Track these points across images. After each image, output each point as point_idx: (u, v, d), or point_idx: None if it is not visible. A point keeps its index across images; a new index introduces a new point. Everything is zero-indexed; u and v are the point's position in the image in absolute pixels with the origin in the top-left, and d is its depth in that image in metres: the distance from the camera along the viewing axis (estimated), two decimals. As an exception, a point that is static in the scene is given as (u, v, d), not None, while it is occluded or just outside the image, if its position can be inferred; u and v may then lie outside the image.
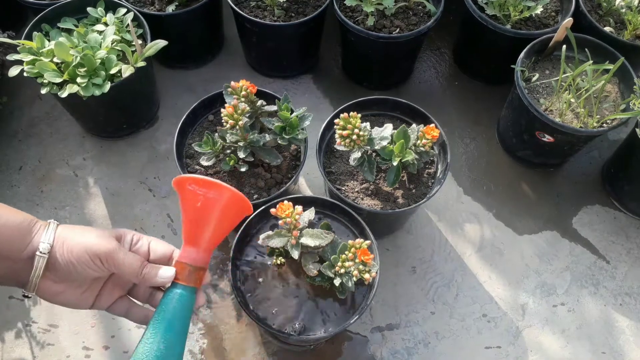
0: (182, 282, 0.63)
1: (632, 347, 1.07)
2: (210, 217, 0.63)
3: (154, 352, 0.59)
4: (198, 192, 0.62)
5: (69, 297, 0.63)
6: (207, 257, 0.65)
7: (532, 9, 1.19)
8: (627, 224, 1.21)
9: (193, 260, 0.63)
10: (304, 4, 1.25)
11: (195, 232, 0.63)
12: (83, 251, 0.60)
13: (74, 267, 0.60)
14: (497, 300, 1.11)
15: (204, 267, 0.64)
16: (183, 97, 1.34)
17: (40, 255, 0.59)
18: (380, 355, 1.04)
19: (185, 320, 0.63)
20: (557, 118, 1.08)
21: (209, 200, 0.62)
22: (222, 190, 0.62)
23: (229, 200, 0.63)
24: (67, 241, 0.60)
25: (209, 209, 0.63)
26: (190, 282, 0.63)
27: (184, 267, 0.63)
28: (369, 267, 0.79)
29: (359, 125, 0.89)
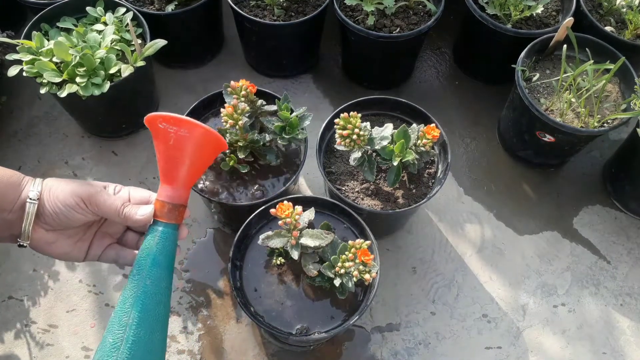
0: (162, 219, 0.64)
1: (632, 347, 1.07)
2: (184, 154, 0.63)
3: (142, 287, 0.61)
4: (169, 130, 0.62)
5: (62, 247, 0.66)
6: (185, 194, 0.65)
7: (532, 8, 1.18)
8: (628, 224, 1.20)
9: (171, 197, 0.64)
10: (303, 3, 1.25)
11: (170, 170, 0.64)
12: (68, 195, 0.63)
13: (61, 211, 0.63)
14: (498, 300, 1.11)
15: (183, 204, 0.65)
16: (183, 97, 1.33)
17: (30, 202, 0.62)
18: (381, 355, 1.04)
19: (169, 255, 0.64)
20: (557, 118, 1.08)
21: (180, 138, 0.62)
22: (193, 128, 0.62)
23: (201, 138, 0.63)
24: (53, 189, 0.63)
25: (181, 147, 0.63)
26: (170, 219, 0.64)
27: (162, 205, 0.64)
28: (369, 268, 0.79)
29: (359, 125, 0.89)
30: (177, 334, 1.05)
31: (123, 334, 0.58)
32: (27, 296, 1.08)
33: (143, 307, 0.60)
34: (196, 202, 1.19)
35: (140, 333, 0.59)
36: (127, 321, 0.59)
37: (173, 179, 0.64)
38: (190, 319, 1.06)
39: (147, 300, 0.61)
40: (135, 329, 0.59)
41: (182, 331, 1.05)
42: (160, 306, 0.62)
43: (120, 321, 0.59)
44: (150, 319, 0.61)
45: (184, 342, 1.04)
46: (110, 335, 0.59)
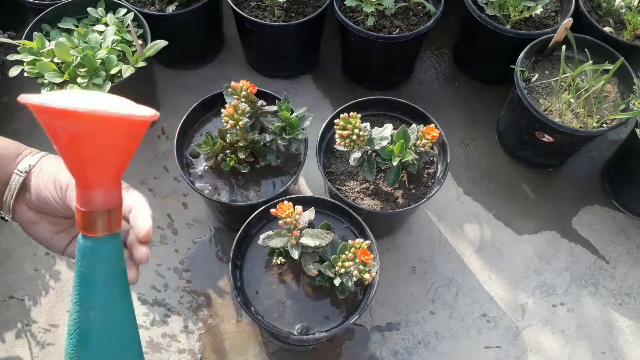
0: (87, 232, 0.49)
1: (631, 347, 1.07)
2: (84, 151, 0.46)
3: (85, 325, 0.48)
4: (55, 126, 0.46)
5: (44, 231, 0.60)
6: (108, 196, 0.49)
7: (531, 9, 1.19)
8: (626, 224, 1.21)
9: (89, 203, 0.48)
10: (303, 4, 1.25)
11: (78, 172, 0.48)
12: (51, 179, 0.57)
13: (41, 192, 0.57)
14: (497, 300, 1.11)
15: (109, 209, 0.49)
16: (183, 98, 1.34)
17: (17, 173, 0.57)
18: (380, 355, 1.04)
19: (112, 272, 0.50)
20: (556, 118, 1.08)
21: (72, 134, 0.45)
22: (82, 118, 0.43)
23: (98, 128, 0.45)
24: (44, 168, 0.58)
25: (77, 143, 0.46)
26: (98, 230, 0.49)
27: (82, 215, 0.48)
28: (369, 267, 0.79)
29: (359, 126, 0.89)
30: (178, 333, 1.05)
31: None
32: (28, 296, 1.08)
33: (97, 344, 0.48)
34: (197, 202, 1.19)
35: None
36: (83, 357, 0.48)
37: (84, 182, 0.48)
38: (191, 319, 1.07)
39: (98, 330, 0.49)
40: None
41: (183, 330, 1.06)
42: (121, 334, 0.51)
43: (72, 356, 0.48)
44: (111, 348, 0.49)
45: (184, 342, 1.04)
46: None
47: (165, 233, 1.16)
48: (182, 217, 1.18)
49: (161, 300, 1.08)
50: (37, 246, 1.13)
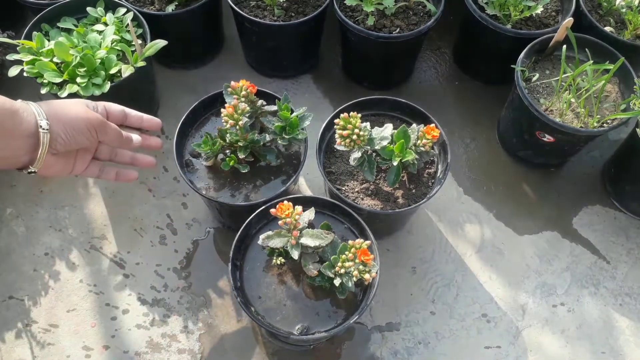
0: None
1: (632, 347, 1.07)
2: None
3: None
4: None
5: (57, 167, 0.71)
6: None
7: (532, 8, 1.19)
8: (627, 224, 1.20)
9: None
10: (303, 3, 1.25)
11: None
12: (82, 123, 0.68)
13: (73, 138, 0.68)
14: (497, 300, 1.11)
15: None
16: (183, 97, 1.34)
17: (43, 131, 0.65)
18: (380, 354, 1.04)
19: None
20: (557, 118, 1.08)
21: None
22: None
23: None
24: (61, 117, 0.67)
25: None
26: None
27: None
28: (369, 267, 0.79)
29: (359, 125, 0.89)
30: (178, 333, 1.05)
31: None
32: (28, 296, 1.08)
33: None
34: (196, 202, 1.19)
35: None
36: None
37: None
38: (191, 319, 1.06)
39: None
40: None
41: (183, 330, 1.05)
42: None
43: None
44: None
45: (184, 342, 1.04)
46: None
47: (164, 233, 1.16)
48: (182, 217, 1.18)
49: (161, 300, 1.08)
50: (37, 246, 1.13)
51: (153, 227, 1.16)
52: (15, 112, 0.64)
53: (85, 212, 1.18)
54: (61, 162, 0.71)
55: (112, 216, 1.17)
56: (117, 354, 1.03)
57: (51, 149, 0.67)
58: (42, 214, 1.17)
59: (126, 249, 1.14)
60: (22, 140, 0.65)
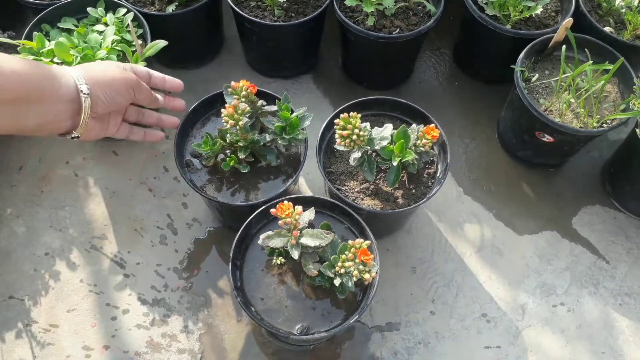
0: None
1: (631, 347, 1.07)
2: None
3: None
4: None
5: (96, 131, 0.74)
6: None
7: (532, 9, 1.19)
8: (627, 224, 1.21)
9: None
10: (304, 4, 1.25)
11: None
12: (120, 84, 0.71)
13: (113, 99, 0.71)
14: (497, 300, 1.11)
15: None
16: (183, 97, 1.32)
17: (84, 96, 0.67)
18: (380, 354, 1.04)
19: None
20: (557, 118, 1.08)
21: None
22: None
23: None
24: (100, 80, 0.69)
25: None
26: None
27: None
28: (369, 267, 0.79)
29: (359, 126, 0.89)
30: (178, 333, 1.05)
31: None
32: (28, 296, 1.08)
33: None
34: (196, 202, 1.19)
35: None
36: None
37: None
38: (191, 319, 1.07)
39: None
40: None
41: (183, 330, 1.05)
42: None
43: None
44: None
45: (184, 342, 1.04)
46: None
47: (165, 233, 1.16)
48: (182, 217, 1.18)
49: (161, 300, 1.08)
50: (37, 246, 1.13)
51: (153, 227, 1.16)
52: (54, 77, 0.64)
53: (85, 212, 1.18)
54: (98, 125, 0.73)
55: (113, 216, 1.17)
56: (117, 353, 1.03)
57: (92, 113, 0.69)
58: (43, 214, 1.17)
59: (126, 249, 1.14)
60: (63, 105, 0.65)
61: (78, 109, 0.67)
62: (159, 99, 0.84)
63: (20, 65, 0.62)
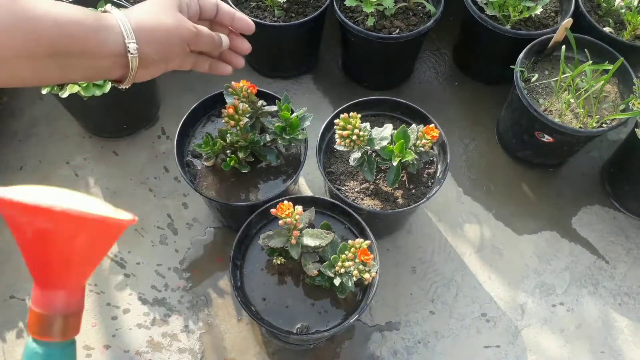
0: (42, 337, 0.45)
1: (630, 346, 1.07)
2: (51, 252, 0.43)
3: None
4: (21, 221, 0.42)
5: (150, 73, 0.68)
6: (71, 299, 0.46)
7: (531, 9, 1.19)
8: (626, 224, 1.21)
9: (49, 306, 0.44)
10: (304, 4, 1.25)
11: (40, 271, 0.44)
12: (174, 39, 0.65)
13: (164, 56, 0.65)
14: (497, 300, 1.11)
15: (72, 313, 0.46)
16: (184, 97, 1.34)
17: (132, 56, 0.61)
18: (380, 354, 1.05)
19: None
20: (556, 118, 1.08)
21: (40, 232, 0.41)
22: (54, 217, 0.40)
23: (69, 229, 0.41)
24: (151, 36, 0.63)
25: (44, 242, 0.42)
26: (52, 335, 0.46)
27: (38, 318, 0.44)
28: (369, 267, 0.79)
29: (358, 126, 0.90)
30: (179, 332, 1.05)
31: None
32: (28, 296, 1.08)
33: None
34: (197, 202, 1.19)
35: None
36: None
37: (44, 282, 0.44)
38: (191, 318, 1.07)
39: None
40: None
41: (183, 330, 1.06)
42: None
43: None
44: None
45: (185, 341, 1.05)
46: None
47: (165, 233, 1.16)
48: (182, 217, 1.18)
49: (161, 300, 1.09)
50: (38, 246, 1.13)
51: (154, 227, 1.17)
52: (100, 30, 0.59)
53: (86, 212, 1.18)
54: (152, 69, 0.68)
55: (113, 216, 1.17)
56: (117, 353, 1.04)
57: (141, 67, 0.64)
58: (43, 213, 1.17)
59: (127, 249, 1.14)
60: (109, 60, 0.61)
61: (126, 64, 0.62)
62: (222, 43, 0.75)
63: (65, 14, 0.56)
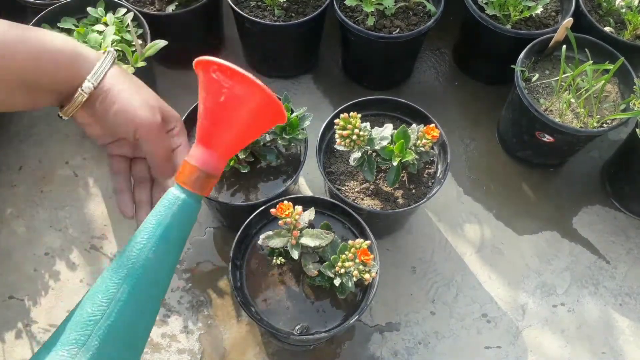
0: (187, 186, 0.53)
1: (632, 347, 1.07)
2: (234, 117, 0.52)
3: (142, 260, 0.51)
4: (223, 84, 0.51)
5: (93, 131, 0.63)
6: (222, 164, 0.55)
7: (532, 9, 1.19)
8: (627, 224, 1.21)
9: (205, 164, 0.53)
10: (304, 3, 1.25)
11: (213, 132, 0.53)
12: (122, 113, 0.58)
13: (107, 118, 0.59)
14: (497, 300, 1.11)
15: (215, 175, 0.55)
16: (184, 98, 1.32)
17: (81, 92, 0.57)
18: (380, 354, 1.04)
19: (184, 231, 0.55)
20: (557, 118, 1.08)
21: (234, 97, 0.51)
22: (253, 88, 0.51)
23: (260, 102, 0.52)
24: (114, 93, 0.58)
25: (233, 108, 0.52)
26: (196, 189, 0.53)
27: (193, 171, 0.53)
28: (369, 267, 0.79)
29: (359, 126, 0.89)
30: (178, 333, 1.05)
31: (106, 308, 0.49)
32: (28, 296, 1.08)
33: (137, 283, 0.51)
34: (196, 202, 1.19)
35: (126, 312, 0.50)
36: (115, 294, 0.50)
37: (213, 143, 0.53)
38: (191, 319, 1.07)
39: (144, 276, 0.51)
40: (122, 306, 0.50)
41: (183, 330, 1.05)
42: (156, 287, 0.53)
43: (107, 292, 0.50)
44: (142, 299, 0.51)
45: (184, 342, 1.04)
46: (90, 305, 0.49)
47: (165, 233, 1.16)
48: (182, 217, 1.18)
49: (161, 301, 1.08)
50: (37, 246, 1.13)
51: (153, 227, 1.16)
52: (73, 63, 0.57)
53: (85, 212, 1.18)
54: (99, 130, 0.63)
55: (113, 216, 1.17)
56: (117, 353, 1.03)
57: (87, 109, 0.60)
58: (43, 214, 1.17)
59: (126, 249, 1.14)
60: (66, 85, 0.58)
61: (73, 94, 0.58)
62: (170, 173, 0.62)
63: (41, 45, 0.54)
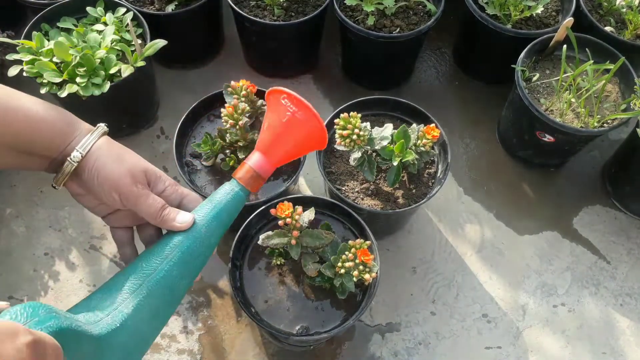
0: (242, 182, 0.65)
1: (632, 347, 1.07)
2: (291, 135, 0.65)
3: (195, 232, 0.62)
4: (288, 108, 0.64)
5: (88, 202, 0.66)
6: (272, 170, 0.67)
7: (532, 8, 1.18)
8: (628, 224, 1.20)
9: (260, 167, 0.65)
10: (304, 3, 1.25)
11: (272, 144, 0.66)
12: (105, 181, 0.62)
13: (94, 188, 0.62)
14: (498, 300, 1.11)
15: (264, 178, 0.66)
16: (183, 97, 1.33)
17: (70, 162, 0.60)
18: (381, 355, 1.04)
19: (231, 216, 0.65)
20: (557, 118, 1.08)
21: (295, 120, 0.64)
22: (311, 117, 0.64)
23: (313, 127, 0.65)
24: (99, 163, 0.62)
25: (292, 128, 0.65)
26: (248, 185, 0.65)
27: (249, 171, 0.65)
28: (369, 268, 0.79)
29: (359, 125, 0.89)
30: (178, 333, 1.05)
31: (159, 264, 0.59)
32: (27, 296, 1.08)
33: (187, 250, 0.60)
34: (196, 202, 1.19)
35: (174, 272, 0.59)
36: (169, 254, 0.59)
37: (270, 153, 0.66)
38: (191, 319, 1.06)
39: (193, 245, 0.61)
40: (171, 266, 0.59)
41: (182, 331, 1.05)
42: (199, 259, 0.62)
43: (162, 252, 0.60)
44: (189, 264, 0.61)
45: (184, 342, 1.04)
46: (146, 262, 0.59)
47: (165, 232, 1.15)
48: (182, 217, 1.17)
49: (161, 301, 1.08)
50: (37, 246, 1.13)
51: (153, 227, 1.16)
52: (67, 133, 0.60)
53: (85, 212, 1.18)
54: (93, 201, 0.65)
55: (112, 216, 1.17)
56: (116, 354, 1.03)
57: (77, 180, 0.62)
58: (42, 214, 1.17)
59: (126, 249, 1.14)
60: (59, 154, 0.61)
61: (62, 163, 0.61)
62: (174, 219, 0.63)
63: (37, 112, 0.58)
